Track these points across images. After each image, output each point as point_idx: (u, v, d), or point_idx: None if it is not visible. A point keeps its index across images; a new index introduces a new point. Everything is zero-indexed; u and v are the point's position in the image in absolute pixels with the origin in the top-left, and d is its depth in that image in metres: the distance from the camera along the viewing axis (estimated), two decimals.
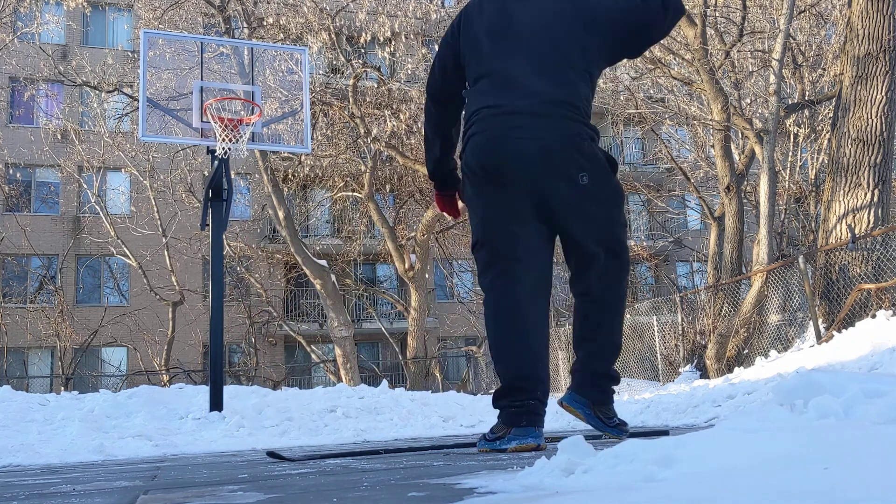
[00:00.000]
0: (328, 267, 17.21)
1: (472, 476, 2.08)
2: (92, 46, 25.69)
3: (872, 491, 1.06)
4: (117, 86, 19.60)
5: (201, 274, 24.34)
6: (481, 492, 1.67)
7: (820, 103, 14.76)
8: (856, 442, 1.41)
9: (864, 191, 9.21)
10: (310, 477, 2.43)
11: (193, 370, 21.68)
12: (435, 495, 1.68)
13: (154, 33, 8.40)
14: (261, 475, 2.64)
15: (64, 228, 24.52)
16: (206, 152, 8.04)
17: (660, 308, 13.13)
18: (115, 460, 4.82)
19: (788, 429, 1.63)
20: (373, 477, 2.28)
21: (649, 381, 12.59)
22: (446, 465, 2.65)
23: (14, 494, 2.41)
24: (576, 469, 1.65)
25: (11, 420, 6.65)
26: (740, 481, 1.26)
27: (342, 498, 1.74)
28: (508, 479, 1.83)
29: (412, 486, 1.93)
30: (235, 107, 7.85)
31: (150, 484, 2.58)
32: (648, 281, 27.85)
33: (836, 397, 1.84)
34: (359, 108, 16.79)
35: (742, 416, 1.89)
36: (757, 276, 10.32)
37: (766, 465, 1.34)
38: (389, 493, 1.80)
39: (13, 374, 21.95)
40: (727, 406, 6.09)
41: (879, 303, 8.18)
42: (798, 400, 1.94)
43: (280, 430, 6.66)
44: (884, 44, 9.33)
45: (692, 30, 12.31)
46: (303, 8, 17.07)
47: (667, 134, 20.70)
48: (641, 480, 1.45)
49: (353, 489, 1.94)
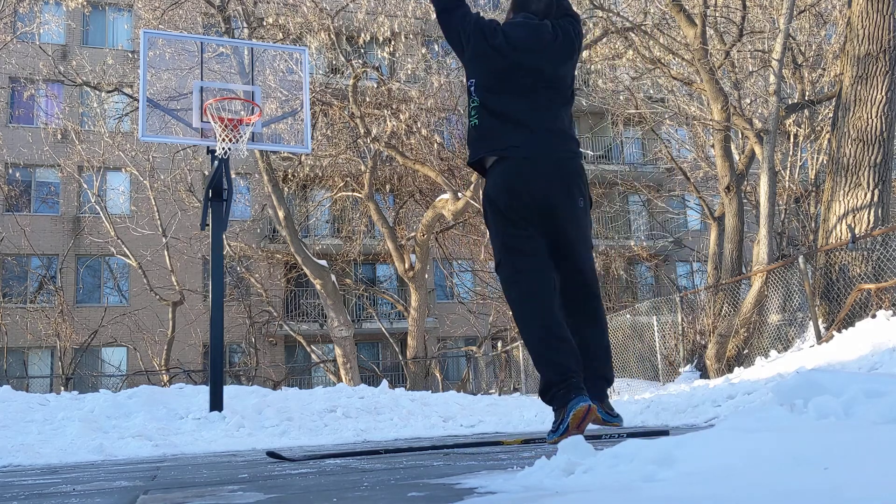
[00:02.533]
0: (328, 267, 17.20)
1: (472, 476, 2.08)
2: (92, 46, 25.68)
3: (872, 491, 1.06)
4: (117, 86, 19.59)
5: (201, 274, 24.33)
6: (481, 492, 1.67)
7: (820, 103, 14.76)
8: (856, 442, 1.41)
9: (864, 191, 9.21)
10: (310, 477, 2.43)
11: (193, 370, 21.67)
12: (435, 495, 1.68)
13: (154, 33, 8.40)
14: (261, 475, 2.64)
15: (64, 228, 24.51)
16: (206, 152, 8.04)
17: (660, 308, 13.12)
18: (115, 460, 4.82)
19: (788, 429, 1.63)
20: (373, 477, 2.28)
21: (649, 381, 12.58)
22: (446, 465, 2.65)
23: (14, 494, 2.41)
24: (576, 469, 1.65)
25: (11, 420, 6.65)
26: (740, 481, 1.26)
27: (342, 498, 1.74)
28: (508, 479, 1.83)
29: (412, 486, 1.93)
30: (235, 107, 7.85)
31: (150, 484, 2.58)
32: (648, 281, 27.84)
33: (836, 397, 1.84)
34: (359, 108, 16.79)
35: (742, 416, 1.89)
36: (757, 276, 10.32)
37: (766, 465, 1.34)
38: (389, 493, 1.80)
39: (13, 374, 21.95)
40: (727, 406, 6.10)
41: (879, 303, 8.18)
42: (798, 400, 1.94)
43: (280, 430, 6.66)
44: (884, 44, 9.33)
45: (692, 30, 12.30)
46: (302, 8, 17.07)
47: (667, 134, 20.69)
48: (641, 480, 1.45)
49: (353, 489, 1.94)
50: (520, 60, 3.41)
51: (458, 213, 16.79)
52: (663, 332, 12.41)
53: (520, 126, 3.35)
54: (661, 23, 14.63)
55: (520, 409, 8.47)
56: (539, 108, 3.38)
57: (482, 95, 3.43)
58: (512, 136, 3.34)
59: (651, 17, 14.53)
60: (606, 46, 15.55)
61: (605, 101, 19.35)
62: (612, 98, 18.88)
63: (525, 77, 3.40)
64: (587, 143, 27.59)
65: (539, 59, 3.43)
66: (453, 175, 17.64)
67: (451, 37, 3.61)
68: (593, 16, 14.87)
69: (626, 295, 24.76)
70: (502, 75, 3.41)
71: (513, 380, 18.74)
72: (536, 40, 3.45)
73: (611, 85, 18.31)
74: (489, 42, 3.44)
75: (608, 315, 4.88)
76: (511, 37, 3.44)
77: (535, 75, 3.41)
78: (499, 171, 3.35)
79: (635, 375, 13.43)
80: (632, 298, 23.76)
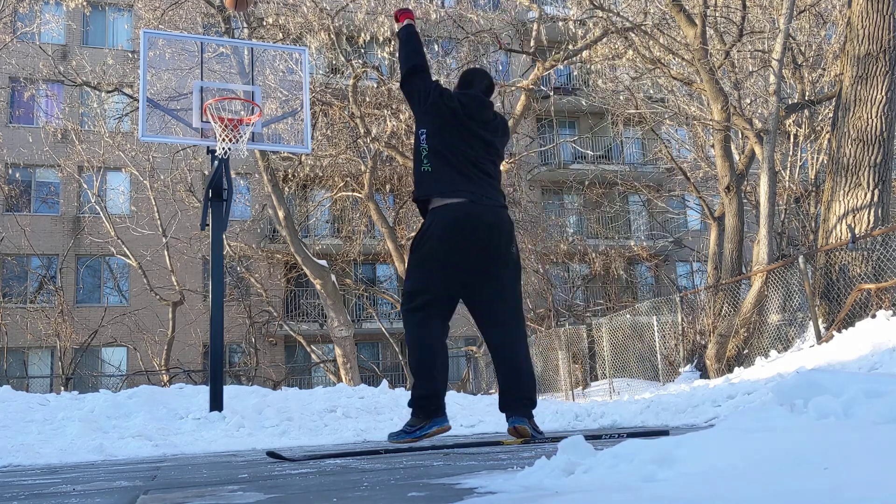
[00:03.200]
0: (328, 267, 17.20)
1: (472, 476, 2.08)
2: (92, 46, 25.67)
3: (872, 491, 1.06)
4: (117, 86, 19.58)
5: (201, 274, 24.33)
6: (481, 492, 1.67)
7: (820, 103, 14.76)
8: (856, 442, 1.41)
9: (864, 191, 9.21)
10: (310, 477, 2.43)
11: (193, 370, 21.66)
12: (435, 495, 1.68)
13: (154, 33, 8.39)
14: (261, 475, 2.64)
15: (64, 228, 24.51)
16: (206, 152, 8.04)
17: (660, 308, 13.12)
18: (115, 460, 4.82)
19: (788, 429, 1.63)
20: (373, 477, 2.28)
21: (649, 381, 12.59)
22: (446, 465, 2.65)
23: (14, 494, 2.41)
24: (576, 469, 1.65)
25: (11, 420, 6.65)
26: (740, 481, 1.26)
27: (342, 498, 1.74)
28: (508, 479, 1.83)
29: (412, 486, 1.93)
30: (235, 107, 7.85)
31: (150, 484, 2.58)
32: (648, 281, 27.83)
33: (836, 397, 1.84)
34: (359, 107, 16.79)
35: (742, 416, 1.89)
36: (757, 276, 10.32)
37: (766, 465, 1.34)
38: (389, 493, 1.80)
39: (13, 374, 21.95)
40: (727, 406, 6.10)
41: (879, 303, 8.18)
42: (798, 400, 1.93)
43: (280, 430, 6.66)
44: (884, 44, 9.32)
45: (692, 30, 12.30)
46: (302, 8, 17.06)
47: (667, 134, 20.69)
48: (641, 480, 1.45)
49: (353, 489, 1.94)
50: (468, 123, 4.02)
51: None
52: (663, 332, 12.41)
53: (463, 176, 3.91)
54: (661, 23, 14.63)
55: None
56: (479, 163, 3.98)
57: (433, 144, 3.98)
58: (459, 182, 3.89)
59: (651, 17, 14.53)
60: (606, 46, 15.55)
61: (605, 101, 19.35)
62: (612, 98, 18.88)
63: (471, 137, 4.00)
64: (587, 143, 27.58)
65: (484, 127, 4.06)
66: None
67: (413, 92, 4.20)
68: (593, 16, 14.87)
69: (626, 295, 24.77)
70: (453, 131, 3.99)
71: None
72: (483, 112, 4.10)
73: (611, 85, 18.31)
74: (446, 102, 4.05)
75: (608, 315, 5.03)
76: (464, 103, 4.07)
77: (479, 138, 4.02)
78: (447, 211, 3.86)
79: (635, 375, 13.43)
80: (632, 298, 23.76)
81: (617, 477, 1.50)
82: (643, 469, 1.49)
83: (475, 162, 3.97)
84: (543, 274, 21.48)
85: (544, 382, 16.57)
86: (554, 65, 15.34)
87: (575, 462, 1.68)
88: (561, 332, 16.13)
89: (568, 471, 1.66)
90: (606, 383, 13.88)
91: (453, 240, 3.83)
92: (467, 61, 17.73)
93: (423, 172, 3.99)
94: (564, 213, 28.37)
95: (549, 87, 23.31)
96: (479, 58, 18.31)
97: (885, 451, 1.30)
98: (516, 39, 21.56)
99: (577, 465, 1.66)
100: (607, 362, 14.43)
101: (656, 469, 1.47)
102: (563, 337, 15.85)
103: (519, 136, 22.17)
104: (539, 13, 16.04)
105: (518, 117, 16.09)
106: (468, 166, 3.94)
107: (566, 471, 1.66)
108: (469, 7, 18.94)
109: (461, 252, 3.85)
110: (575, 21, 16.05)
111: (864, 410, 1.74)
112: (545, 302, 21.16)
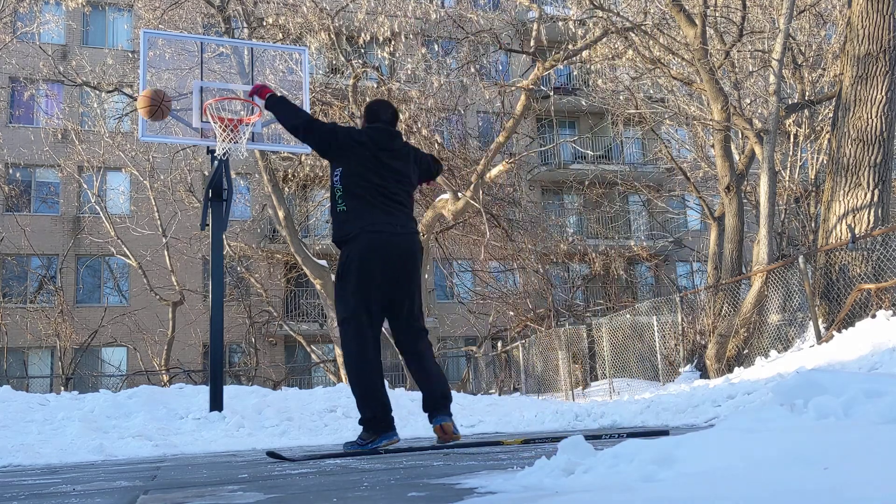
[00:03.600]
0: (328, 267, 17.20)
1: (472, 476, 2.08)
2: (92, 46, 25.67)
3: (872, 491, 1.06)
4: (117, 86, 19.58)
5: (201, 274, 24.33)
6: (481, 492, 1.67)
7: (820, 103, 14.76)
8: (856, 442, 1.41)
9: (864, 191, 9.21)
10: (310, 477, 2.43)
11: (193, 370, 21.66)
12: (435, 495, 1.68)
13: (154, 33, 8.39)
14: (261, 475, 2.64)
15: (64, 228, 24.50)
16: (206, 152, 8.04)
17: (660, 308, 13.12)
18: (115, 460, 4.82)
19: (788, 429, 1.63)
20: (373, 477, 2.28)
21: (649, 381, 12.58)
22: (446, 465, 2.65)
23: (14, 494, 2.41)
24: (576, 469, 1.65)
25: (11, 420, 6.65)
26: (740, 481, 1.26)
27: (342, 498, 1.74)
28: (508, 479, 1.83)
29: (412, 486, 1.93)
30: (235, 107, 7.85)
31: (149, 484, 2.58)
32: (648, 281, 27.83)
33: (836, 397, 1.84)
34: (359, 108, 16.79)
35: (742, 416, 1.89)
36: (757, 276, 10.31)
37: (766, 465, 1.34)
38: (389, 493, 1.80)
39: (13, 374, 21.94)
40: (727, 406, 6.10)
41: (879, 303, 8.18)
42: (798, 400, 1.93)
43: (280, 430, 6.66)
44: (884, 44, 9.32)
45: (692, 30, 12.30)
46: (302, 8, 17.06)
47: (667, 134, 20.68)
48: (641, 480, 1.45)
49: (353, 489, 1.94)
50: (379, 154, 4.23)
51: (458, 213, 16.78)
52: (663, 332, 12.40)
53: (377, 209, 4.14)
54: (661, 23, 14.63)
55: (520, 409, 8.48)
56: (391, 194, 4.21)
57: (346, 183, 4.19)
58: (374, 214, 4.14)
59: (651, 17, 14.52)
60: (606, 46, 15.55)
61: (605, 101, 19.35)
62: (612, 98, 18.87)
63: (382, 169, 4.22)
64: (587, 143, 27.58)
65: (393, 156, 4.28)
66: (453, 175, 17.64)
67: (316, 142, 4.38)
68: (593, 16, 14.87)
69: (626, 295, 24.75)
70: (366, 165, 4.20)
71: (513, 380, 18.75)
72: (391, 141, 4.32)
73: (611, 85, 18.29)
74: (354, 138, 4.26)
75: (608, 315, 5.08)
76: (372, 136, 4.28)
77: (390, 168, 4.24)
78: (364, 240, 4.10)
79: (635, 375, 13.43)
80: (632, 298, 23.73)
81: (617, 477, 1.50)
82: (643, 469, 1.49)
83: (386, 193, 4.20)
84: (543, 274, 21.48)
85: (544, 382, 16.58)
86: (554, 65, 15.34)
87: (575, 462, 1.68)
88: (561, 332, 16.13)
89: (568, 471, 1.66)
90: (606, 383, 13.88)
91: (372, 263, 4.11)
92: (467, 61, 17.74)
93: (339, 213, 4.22)
94: (564, 213, 28.38)
95: (549, 87, 23.32)
96: (479, 58, 18.32)
97: (885, 451, 1.30)
98: (516, 39, 21.57)
99: (577, 464, 1.66)
100: (607, 362, 14.43)
101: (656, 469, 1.47)
102: (563, 337, 15.85)
103: (519, 136, 22.16)
104: (539, 13, 16.03)
105: (518, 117, 16.08)
106: (380, 199, 4.18)
107: (566, 471, 1.66)
108: (469, 7, 18.93)
109: (381, 274, 4.12)
110: (575, 21, 16.05)
111: (864, 410, 1.74)
112: (545, 302, 21.16)
